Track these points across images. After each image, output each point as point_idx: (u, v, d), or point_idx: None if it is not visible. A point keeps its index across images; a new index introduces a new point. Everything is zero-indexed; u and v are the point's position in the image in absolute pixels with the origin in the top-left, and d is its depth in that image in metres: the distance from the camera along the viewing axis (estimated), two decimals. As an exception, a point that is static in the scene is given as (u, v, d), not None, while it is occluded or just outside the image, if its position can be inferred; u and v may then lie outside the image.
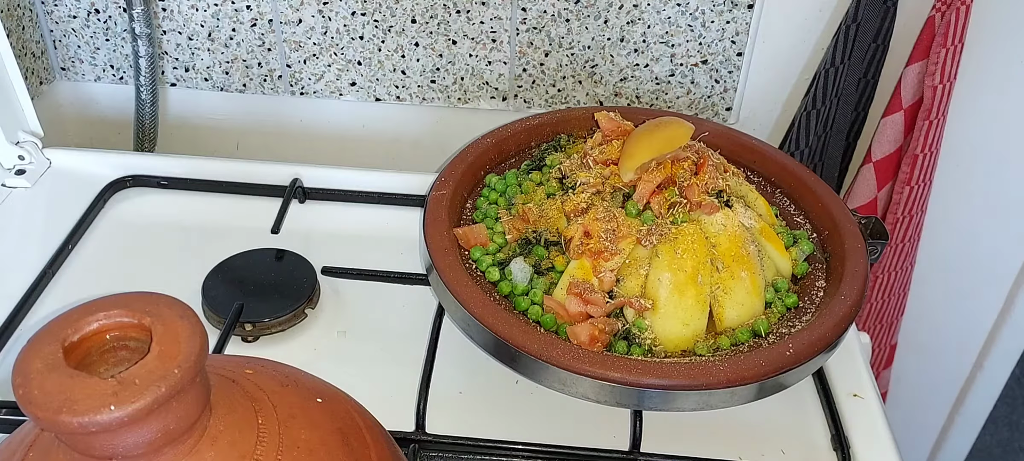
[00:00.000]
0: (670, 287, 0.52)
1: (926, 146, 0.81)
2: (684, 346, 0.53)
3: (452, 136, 0.87)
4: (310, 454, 0.33)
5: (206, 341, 0.30)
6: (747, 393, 0.49)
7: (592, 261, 0.54)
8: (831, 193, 0.62)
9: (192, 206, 0.70)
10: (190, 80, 0.88)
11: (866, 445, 0.53)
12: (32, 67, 0.86)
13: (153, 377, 0.28)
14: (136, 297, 0.31)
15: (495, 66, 0.85)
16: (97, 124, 0.93)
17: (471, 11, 0.81)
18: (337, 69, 0.86)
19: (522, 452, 0.51)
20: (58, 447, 0.31)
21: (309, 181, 0.72)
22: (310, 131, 0.91)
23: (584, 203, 0.56)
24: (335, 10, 0.82)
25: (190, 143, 0.92)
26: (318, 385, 0.39)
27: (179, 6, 0.83)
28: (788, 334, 0.53)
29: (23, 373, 0.28)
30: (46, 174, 0.73)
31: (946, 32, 0.75)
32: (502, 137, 0.67)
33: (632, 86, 0.85)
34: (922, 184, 0.84)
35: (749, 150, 0.67)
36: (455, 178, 0.62)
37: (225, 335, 0.56)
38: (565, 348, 0.49)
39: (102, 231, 0.68)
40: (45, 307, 0.61)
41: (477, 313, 0.51)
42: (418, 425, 0.52)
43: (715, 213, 0.55)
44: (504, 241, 0.59)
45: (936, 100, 0.78)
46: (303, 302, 0.59)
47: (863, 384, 0.57)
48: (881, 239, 0.59)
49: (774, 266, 0.58)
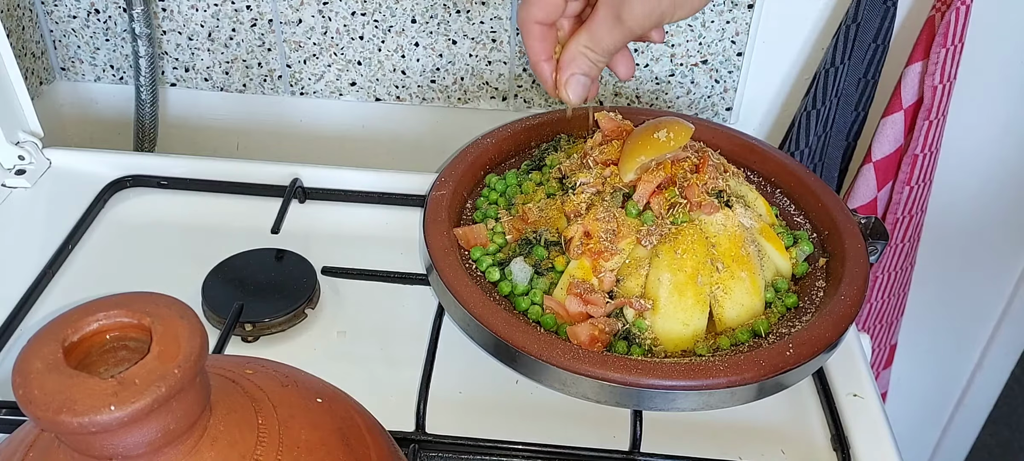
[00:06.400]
0: (670, 287, 0.52)
1: (926, 146, 0.81)
2: (684, 346, 0.53)
3: (452, 136, 0.87)
4: (310, 454, 0.33)
5: (206, 341, 0.30)
6: (747, 393, 0.49)
7: (592, 261, 0.54)
8: (831, 193, 0.62)
9: (192, 206, 0.70)
10: (190, 80, 0.88)
11: (866, 445, 0.53)
12: (32, 67, 0.86)
13: (153, 377, 0.28)
14: (136, 297, 0.31)
15: (495, 66, 0.85)
16: (97, 124, 0.93)
17: (471, 11, 0.81)
18: (337, 69, 0.86)
19: (522, 452, 0.51)
20: (58, 447, 0.31)
21: (309, 181, 0.72)
22: (310, 131, 0.91)
23: (584, 203, 0.56)
24: (335, 10, 0.82)
25: (190, 143, 0.92)
26: (318, 385, 0.39)
27: (179, 6, 0.83)
28: (788, 334, 0.53)
29: (23, 373, 0.28)
30: (46, 174, 0.73)
31: (946, 32, 0.75)
32: (502, 137, 0.67)
33: (632, 86, 0.85)
34: (922, 184, 0.84)
35: (749, 150, 0.67)
36: (455, 178, 0.62)
37: (225, 335, 0.56)
38: (565, 348, 0.49)
39: (102, 231, 0.68)
40: (45, 307, 0.61)
41: (477, 313, 0.51)
42: (418, 425, 0.52)
43: (715, 213, 0.55)
44: (504, 241, 0.59)
45: (936, 100, 0.78)
46: (303, 302, 0.59)
47: (863, 384, 0.57)
48: (881, 239, 0.59)
49: (774, 266, 0.58)
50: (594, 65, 0.53)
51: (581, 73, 0.53)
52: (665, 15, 0.49)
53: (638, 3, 0.48)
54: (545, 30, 0.53)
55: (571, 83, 0.53)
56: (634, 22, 0.49)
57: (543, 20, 0.53)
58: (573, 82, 0.53)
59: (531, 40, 0.53)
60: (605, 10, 0.50)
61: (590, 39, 0.51)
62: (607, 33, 0.51)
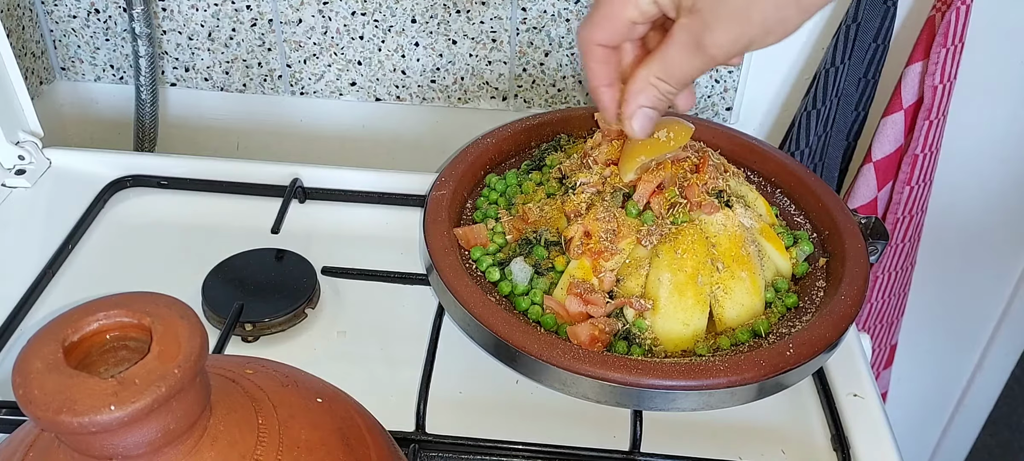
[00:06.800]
0: (670, 287, 0.52)
1: (926, 146, 0.81)
2: (684, 346, 0.53)
3: (452, 136, 0.87)
4: (310, 454, 0.33)
5: (206, 341, 0.30)
6: (747, 393, 0.49)
7: (592, 261, 0.54)
8: (831, 193, 0.62)
9: (192, 206, 0.70)
10: (190, 80, 0.88)
11: (866, 445, 0.53)
12: (32, 67, 0.86)
13: (153, 377, 0.28)
14: (136, 297, 0.31)
15: (495, 66, 0.85)
16: (97, 124, 0.93)
17: (471, 11, 0.81)
18: (337, 69, 0.86)
19: (522, 452, 0.51)
20: (58, 447, 0.31)
21: (309, 181, 0.72)
22: (310, 131, 0.91)
23: (584, 203, 0.56)
24: (335, 10, 0.82)
25: (190, 143, 0.92)
26: (318, 385, 0.39)
27: (179, 6, 0.83)
28: (788, 334, 0.53)
29: (23, 373, 0.28)
30: (46, 174, 0.73)
31: (946, 32, 0.75)
32: (502, 137, 0.67)
33: (632, 86, 0.85)
34: (922, 184, 0.84)
35: (749, 150, 0.67)
36: (455, 178, 0.62)
37: (225, 335, 0.56)
38: (565, 348, 0.49)
39: (102, 231, 0.68)
40: (45, 307, 0.61)
41: (477, 313, 0.51)
42: (418, 425, 0.52)
43: (715, 213, 0.55)
44: (504, 241, 0.59)
45: (936, 100, 0.78)
46: (303, 302, 0.59)
47: (863, 384, 0.57)
48: (881, 239, 0.59)
49: (774, 266, 0.58)
50: (664, 97, 0.47)
51: (649, 106, 0.47)
52: (754, 42, 0.42)
53: (723, 29, 0.41)
54: (608, 53, 0.48)
55: (638, 116, 0.48)
56: (717, 50, 0.42)
57: (607, 42, 0.47)
58: (640, 115, 0.48)
59: (592, 63, 0.48)
60: (683, 35, 0.43)
61: (663, 68, 0.45)
62: (684, 61, 0.44)
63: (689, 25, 0.43)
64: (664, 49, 0.45)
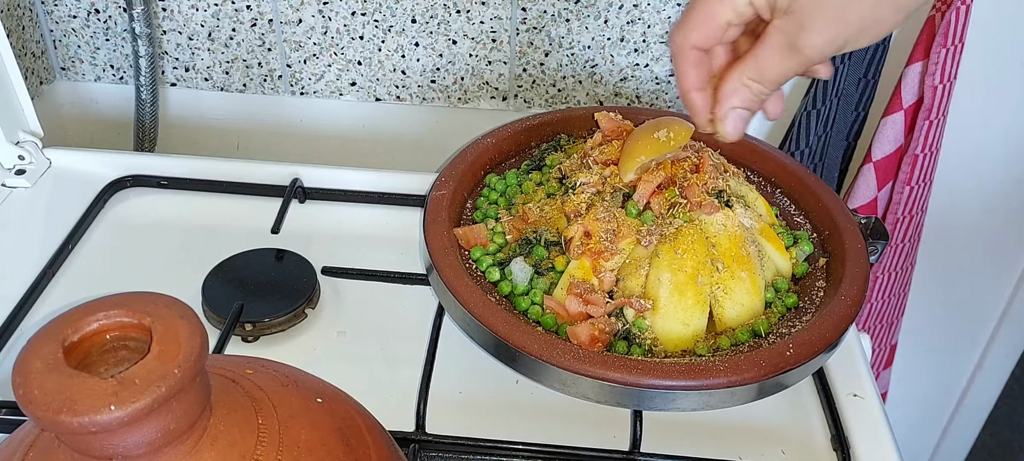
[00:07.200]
0: (670, 287, 0.52)
1: (926, 146, 0.81)
2: (684, 346, 0.53)
3: (452, 136, 0.87)
4: (310, 454, 0.33)
5: (206, 341, 0.30)
6: (747, 393, 0.49)
7: (592, 261, 0.54)
8: (831, 193, 0.62)
9: (192, 206, 0.70)
10: (190, 80, 0.89)
11: (866, 445, 0.53)
12: (32, 67, 0.86)
13: (153, 377, 0.28)
14: (136, 297, 0.31)
15: (495, 66, 0.85)
16: (97, 124, 0.93)
17: (471, 11, 0.81)
18: (337, 69, 0.86)
19: (522, 452, 0.51)
20: (58, 447, 0.31)
21: (309, 181, 0.72)
22: (310, 131, 0.91)
23: (584, 203, 0.56)
24: (335, 10, 0.82)
25: (190, 143, 0.92)
26: (318, 385, 0.39)
27: (179, 6, 0.83)
28: (788, 334, 0.53)
29: (23, 373, 0.28)
30: (46, 174, 0.73)
31: (946, 32, 0.75)
32: (502, 137, 0.67)
33: (632, 86, 0.85)
34: (922, 184, 0.84)
35: (749, 150, 0.67)
36: (455, 178, 0.62)
37: (225, 335, 0.56)
38: (565, 348, 0.49)
39: (102, 231, 0.68)
40: (45, 307, 0.61)
41: (477, 313, 0.51)
42: (418, 425, 0.52)
43: (715, 213, 0.55)
44: (504, 241, 0.59)
45: (936, 100, 0.78)
46: (303, 302, 0.59)
47: (863, 384, 0.57)
48: (881, 239, 0.59)
49: (774, 266, 0.58)
50: (757, 98, 0.46)
51: (742, 106, 0.47)
52: (849, 42, 0.42)
53: (819, 30, 0.41)
54: (701, 56, 0.47)
55: (730, 117, 0.47)
56: (813, 51, 0.42)
57: (701, 44, 0.47)
58: (733, 116, 0.47)
59: (685, 66, 0.47)
60: (777, 37, 0.43)
61: (756, 69, 0.45)
62: (778, 63, 0.44)
63: (784, 26, 0.43)
64: (758, 50, 0.45)
